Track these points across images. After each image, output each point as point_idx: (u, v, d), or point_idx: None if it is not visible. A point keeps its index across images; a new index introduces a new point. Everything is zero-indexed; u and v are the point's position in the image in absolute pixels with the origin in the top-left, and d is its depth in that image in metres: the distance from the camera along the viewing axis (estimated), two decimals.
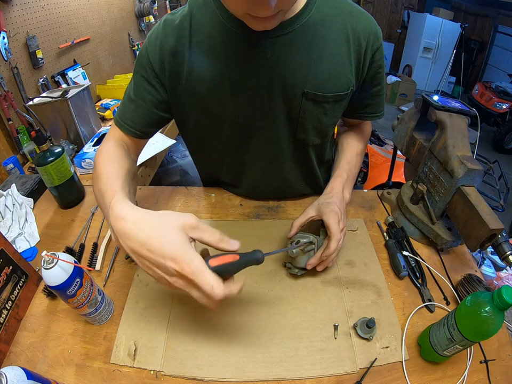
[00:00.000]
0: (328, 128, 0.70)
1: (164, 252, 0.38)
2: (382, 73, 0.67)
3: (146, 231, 0.40)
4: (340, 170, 0.72)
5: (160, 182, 1.78)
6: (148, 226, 0.41)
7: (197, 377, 0.51)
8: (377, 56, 0.63)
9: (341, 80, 0.62)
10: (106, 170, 0.54)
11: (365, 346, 0.55)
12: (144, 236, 0.40)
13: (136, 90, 0.63)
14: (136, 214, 0.43)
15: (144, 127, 0.66)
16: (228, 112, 0.64)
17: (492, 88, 3.70)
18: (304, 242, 0.60)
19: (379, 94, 0.70)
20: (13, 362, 0.53)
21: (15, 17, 1.15)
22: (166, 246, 0.39)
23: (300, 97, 0.61)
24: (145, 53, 0.61)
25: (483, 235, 0.58)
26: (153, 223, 0.41)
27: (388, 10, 5.17)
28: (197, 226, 0.41)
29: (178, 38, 0.59)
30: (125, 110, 0.65)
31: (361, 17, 0.60)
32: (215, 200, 0.86)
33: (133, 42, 2.08)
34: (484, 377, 0.53)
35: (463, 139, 0.67)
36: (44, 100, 1.12)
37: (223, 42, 0.58)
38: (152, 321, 0.58)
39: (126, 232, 0.41)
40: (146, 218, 0.42)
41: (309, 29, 0.57)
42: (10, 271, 0.56)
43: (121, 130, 0.65)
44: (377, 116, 0.74)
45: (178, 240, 0.39)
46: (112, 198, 0.46)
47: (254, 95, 0.61)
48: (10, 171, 1.08)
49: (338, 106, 0.66)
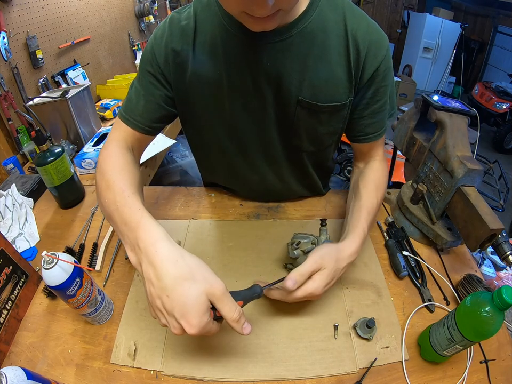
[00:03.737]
0: (324, 137, 0.68)
1: (182, 312, 0.39)
2: (386, 86, 0.61)
3: (172, 279, 0.40)
4: (360, 222, 0.59)
5: (160, 182, 1.78)
6: (176, 273, 0.41)
7: (197, 377, 0.51)
8: (382, 68, 0.58)
9: (339, 90, 0.59)
10: (119, 181, 0.52)
11: (365, 346, 0.55)
12: (169, 283, 0.40)
13: (144, 86, 0.62)
14: (170, 248, 0.42)
15: (154, 123, 0.64)
16: (226, 114, 0.64)
17: (492, 88, 3.70)
18: (304, 242, 0.60)
19: (381, 110, 0.64)
20: (13, 362, 0.53)
21: (15, 17, 1.15)
22: (185, 307, 0.39)
23: (294, 104, 0.60)
24: (150, 49, 0.61)
25: (483, 235, 0.58)
26: (183, 272, 0.41)
27: (387, 10, 5.16)
28: (221, 299, 0.41)
29: (183, 37, 0.59)
30: (133, 105, 0.63)
31: (363, 24, 0.57)
32: (215, 200, 0.86)
33: (133, 42, 2.08)
34: (484, 377, 0.53)
35: (463, 139, 0.67)
36: (44, 99, 1.12)
37: (223, 44, 0.57)
38: (152, 321, 0.58)
39: (154, 264, 0.41)
40: (178, 262, 0.41)
41: (308, 35, 0.55)
42: (10, 271, 0.56)
43: (130, 127, 0.62)
44: (379, 135, 0.67)
45: (199, 309, 0.40)
46: (141, 218, 0.45)
47: (249, 98, 0.61)
48: (10, 171, 1.08)
49: (336, 117, 0.63)
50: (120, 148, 0.60)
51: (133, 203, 0.48)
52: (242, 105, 0.62)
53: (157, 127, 0.66)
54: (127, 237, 0.46)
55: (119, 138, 0.62)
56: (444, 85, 4.58)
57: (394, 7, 5.13)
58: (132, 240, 0.45)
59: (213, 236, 0.75)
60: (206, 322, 0.40)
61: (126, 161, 0.57)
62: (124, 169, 0.55)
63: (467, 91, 4.61)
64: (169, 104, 0.65)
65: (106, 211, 0.51)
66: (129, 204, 0.47)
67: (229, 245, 0.73)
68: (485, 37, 4.56)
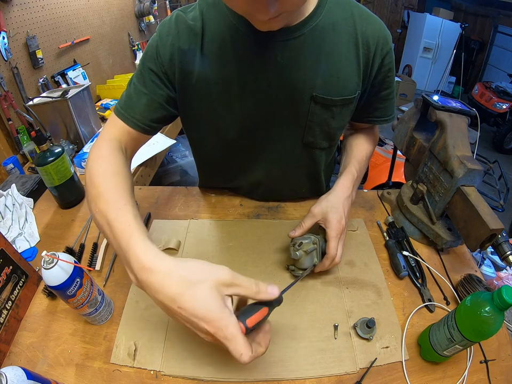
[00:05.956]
0: (336, 132, 0.70)
1: (198, 314, 0.36)
2: (391, 77, 0.66)
3: (178, 288, 0.37)
4: (350, 167, 0.70)
5: (160, 182, 1.78)
6: (179, 282, 0.38)
7: (197, 377, 0.51)
8: (387, 60, 0.62)
9: (349, 84, 0.61)
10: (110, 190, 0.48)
11: (365, 346, 0.55)
12: (176, 293, 0.37)
13: (145, 83, 0.60)
14: (164, 265, 0.39)
15: (154, 122, 0.62)
16: (236, 114, 0.63)
17: (491, 88, 3.70)
18: (306, 242, 0.60)
19: (388, 97, 0.69)
20: (13, 362, 0.53)
21: (15, 17, 1.15)
22: (199, 309, 0.36)
23: (308, 101, 0.61)
24: (155, 46, 0.59)
25: (483, 235, 0.58)
26: (184, 278, 0.38)
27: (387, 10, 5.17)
28: (232, 283, 0.39)
29: (191, 37, 0.58)
30: (132, 103, 0.60)
31: (371, 21, 0.60)
32: (215, 200, 0.86)
33: (133, 42, 2.08)
34: (484, 377, 0.53)
35: (463, 139, 0.67)
36: (44, 99, 1.12)
37: (233, 43, 0.57)
38: (152, 321, 0.58)
39: (155, 286, 0.38)
40: (176, 272, 0.38)
41: (319, 33, 0.57)
42: (10, 271, 0.56)
43: (128, 125, 0.60)
44: (385, 120, 0.72)
45: (214, 304, 0.37)
46: (130, 238, 0.42)
47: (262, 97, 0.61)
48: (10, 171, 1.08)
49: (346, 110, 0.65)
50: (112, 149, 0.56)
51: (123, 217, 0.45)
52: (254, 105, 0.62)
53: (156, 127, 0.64)
54: (119, 255, 0.44)
55: (112, 137, 0.59)
56: (444, 85, 4.58)
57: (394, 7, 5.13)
58: (123, 260, 0.43)
59: (213, 236, 0.75)
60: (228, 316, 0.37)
61: (118, 165, 0.54)
62: (116, 175, 0.52)
63: (467, 91, 4.61)
64: (171, 104, 0.63)
65: (97, 221, 0.48)
66: (120, 219, 0.44)
67: (229, 245, 0.73)
68: (485, 37, 4.56)
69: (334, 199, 0.65)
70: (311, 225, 0.64)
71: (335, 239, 0.60)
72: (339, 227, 0.60)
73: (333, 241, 0.60)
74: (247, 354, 0.37)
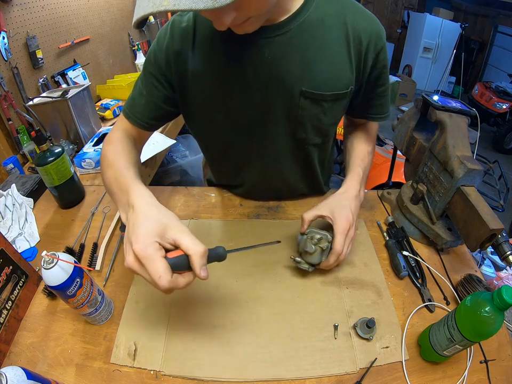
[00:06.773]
0: (328, 128, 0.70)
1: (131, 236, 0.42)
2: (386, 73, 0.66)
3: (143, 219, 0.44)
4: (355, 167, 0.71)
5: (160, 182, 1.78)
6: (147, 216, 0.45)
7: (197, 377, 0.51)
8: (381, 56, 0.63)
9: (341, 79, 0.62)
10: (118, 160, 0.59)
11: (365, 346, 0.55)
12: (138, 225, 0.44)
13: (145, 86, 0.66)
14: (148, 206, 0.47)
15: (152, 120, 0.69)
16: (229, 111, 0.65)
17: (492, 88, 3.70)
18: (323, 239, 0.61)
19: (384, 94, 0.70)
20: (13, 362, 0.53)
21: (15, 17, 1.14)
22: (135, 233, 0.42)
23: (298, 96, 0.62)
24: (153, 51, 0.64)
25: (483, 235, 0.58)
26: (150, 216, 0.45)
27: (387, 10, 5.17)
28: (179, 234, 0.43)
29: (183, 38, 0.61)
30: (134, 103, 0.68)
31: (363, 16, 0.61)
32: (215, 200, 0.86)
33: (133, 42, 2.08)
34: (484, 377, 0.53)
35: (463, 139, 0.67)
36: (44, 99, 1.11)
37: (223, 42, 0.59)
38: (152, 321, 0.58)
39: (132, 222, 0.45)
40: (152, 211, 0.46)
41: (307, 28, 0.58)
42: (10, 271, 0.56)
43: (130, 122, 0.68)
44: (381, 117, 0.73)
45: (149, 230, 0.42)
46: (130, 187, 0.50)
47: (253, 94, 0.62)
48: (10, 171, 1.08)
49: (338, 106, 0.66)
50: (121, 135, 0.67)
51: (127, 174, 0.55)
52: (246, 100, 0.63)
53: (156, 124, 0.71)
54: (121, 201, 0.52)
55: (122, 128, 0.69)
56: (443, 85, 4.58)
57: (394, 7, 5.13)
58: (124, 202, 0.50)
59: (213, 236, 0.75)
60: (152, 242, 0.41)
61: (126, 145, 0.65)
62: (124, 151, 0.63)
63: (467, 91, 4.61)
64: (169, 104, 0.68)
65: (107, 186, 0.58)
66: (125, 175, 0.54)
67: (229, 244, 0.72)
68: (485, 37, 4.56)
69: (341, 197, 0.66)
70: (313, 216, 0.64)
71: (342, 235, 0.60)
72: (346, 223, 0.61)
73: (339, 237, 0.60)
74: (165, 278, 0.40)
